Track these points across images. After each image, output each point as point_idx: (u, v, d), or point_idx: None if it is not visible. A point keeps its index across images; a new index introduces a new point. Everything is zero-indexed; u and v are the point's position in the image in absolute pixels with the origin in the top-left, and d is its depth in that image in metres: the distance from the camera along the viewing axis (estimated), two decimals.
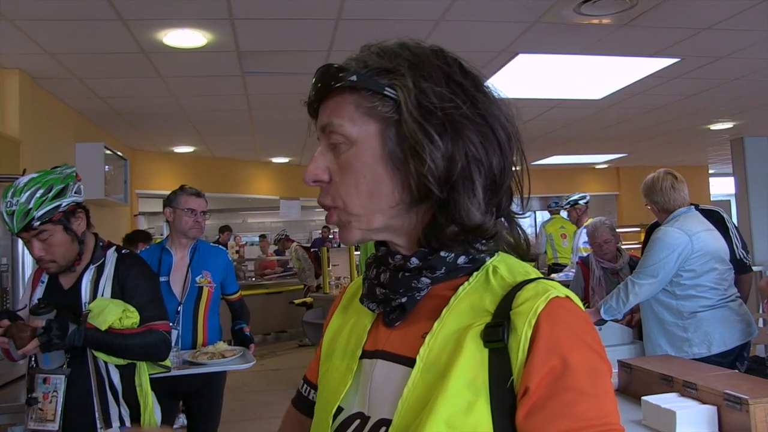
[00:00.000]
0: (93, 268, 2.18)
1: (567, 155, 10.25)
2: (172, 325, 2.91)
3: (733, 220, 4.10)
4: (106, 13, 3.46)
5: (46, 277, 2.21)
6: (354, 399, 0.80)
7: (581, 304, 0.72)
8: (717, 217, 3.45)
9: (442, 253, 0.76)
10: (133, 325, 2.10)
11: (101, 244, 2.25)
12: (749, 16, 3.80)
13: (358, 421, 0.78)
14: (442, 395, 0.67)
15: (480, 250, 0.77)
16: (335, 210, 0.79)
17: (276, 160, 10.05)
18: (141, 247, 5.09)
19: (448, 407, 0.66)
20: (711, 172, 12.77)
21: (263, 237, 12.01)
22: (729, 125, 7.67)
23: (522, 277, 0.74)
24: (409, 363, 0.74)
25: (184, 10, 3.53)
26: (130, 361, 2.15)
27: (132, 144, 7.92)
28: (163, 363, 2.30)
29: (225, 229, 9.90)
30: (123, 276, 2.17)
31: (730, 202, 11.64)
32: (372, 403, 0.77)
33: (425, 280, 0.77)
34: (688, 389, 2.05)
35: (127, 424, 2.13)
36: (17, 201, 1.98)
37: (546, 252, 7.54)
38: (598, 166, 12.19)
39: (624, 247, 4.27)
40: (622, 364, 2.47)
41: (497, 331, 0.69)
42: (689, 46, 4.38)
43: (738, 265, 3.44)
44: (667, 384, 2.16)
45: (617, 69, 5.01)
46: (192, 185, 3.27)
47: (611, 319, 3.12)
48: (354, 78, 0.75)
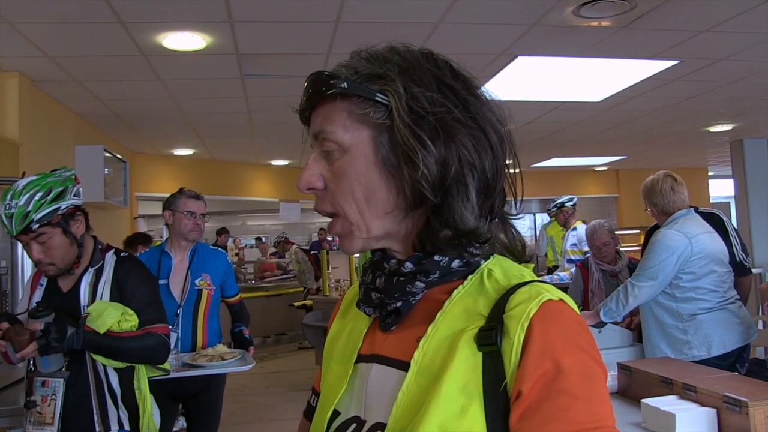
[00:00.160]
0: (92, 271, 2.18)
1: (566, 157, 10.26)
2: (171, 327, 2.91)
3: (733, 223, 4.10)
4: (105, 15, 3.46)
5: (44, 280, 2.21)
6: (350, 403, 0.80)
7: (576, 306, 0.72)
8: (716, 220, 3.45)
9: (436, 257, 0.76)
10: (132, 328, 2.10)
11: (100, 247, 2.25)
12: (748, 19, 3.81)
13: (354, 425, 0.78)
14: (435, 399, 0.67)
15: (474, 253, 0.78)
16: (338, 219, 0.79)
17: (275, 162, 10.05)
18: (140, 249, 5.09)
19: (441, 411, 0.66)
20: (710, 174, 12.78)
21: (259, 240, 11.99)
22: (728, 127, 7.68)
23: (517, 280, 0.74)
24: (404, 367, 0.74)
25: (184, 12, 3.54)
26: (128, 364, 2.14)
27: (131, 147, 7.92)
28: (162, 366, 2.29)
29: (222, 231, 9.86)
30: (122, 279, 2.17)
31: (729, 204, 11.66)
32: (368, 407, 0.78)
33: (420, 285, 0.77)
34: (687, 392, 2.05)
35: (126, 427, 2.13)
36: (16, 204, 1.98)
37: (546, 254, 7.53)
38: (598, 169, 12.20)
39: (624, 249, 4.27)
40: (622, 367, 2.47)
41: (490, 334, 0.69)
42: (688, 49, 4.39)
43: (738, 267, 3.44)
44: (666, 386, 2.16)
45: (616, 71, 5.02)
46: (191, 188, 3.27)
47: (611, 322, 3.12)
48: (344, 85, 0.74)
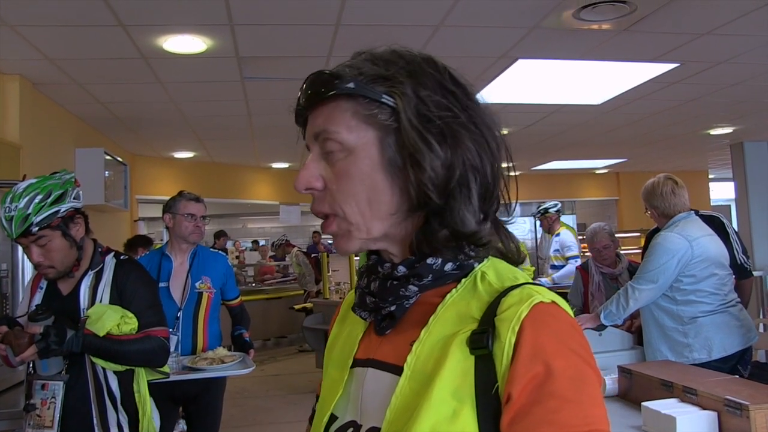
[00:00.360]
0: (91, 274, 2.18)
1: (567, 160, 10.27)
2: (171, 330, 2.91)
3: (733, 225, 4.10)
4: (106, 18, 3.46)
5: (44, 283, 2.20)
6: (347, 407, 0.81)
7: (569, 308, 0.72)
8: (717, 223, 3.45)
9: (429, 260, 0.76)
10: (132, 331, 2.10)
11: (100, 249, 2.24)
12: (748, 22, 3.81)
13: (350, 430, 0.78)
14: (427, 403, 0.67)
15: (469, 256, 0.78)
16: (335, 219, 0.78)
17: (276, 165, 10.06)
18: (140, 252, 5.10)
19: (433, 415, 0.66)
20: (711, 177, 12.79)
21: (255, 243, 11.97)
22: (729, 130, 7.68)
23: (510, 282, 0.74)
24: (398, 371, 0.74)
25: (184, 15, 3.54)
26: (128, 367, 2.14)
27: (132, 149, 7.93)
28: (161, 369, 2.29)
29: (221, 234, 9.81)
30: (121, 282, 2.17)
31: (730, 207, 11.66)
32: (364, 411, 0.78)
33: (413, 288, 0.77)
34: (688, 395, 2.05)
35: (126, 430, 2.12)
36: (16, 206, 1.98)
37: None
38: (598, 171, 12.21)
39: (624, 252, 4.27)
40: (622, 370, 2.47)
41: (482, 338, 0.68)
42: (688, 52, 4.39)
43: (738, 270, 3.44)
44: (667, 389, 2.16)
45: (617, 74, 5.02)
46: (192, 191, 3.27)
47: (611, 325, 3.12)
48: (352, 85, 0.74)
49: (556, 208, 6.47)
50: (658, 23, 3.81)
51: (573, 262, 6.22)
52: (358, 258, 6.21)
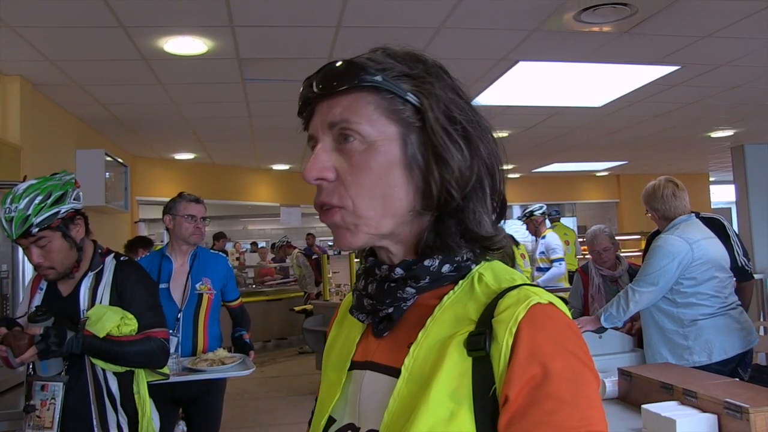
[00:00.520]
0: (91, 275, 2.17)
1: (567, 163, 10.27)
2: (171, 332, 2.91)
3: (734, 228, 4.09)
4: (107, 20, 3.47)
5: (44, 284, 2.20)
6: (345, 410, 0.81)
7: (567, 309, 0.72)
8: (718, 225, 3.45)
9: (427, 261, 0.76)
10: (132, 333, 2.10)
11: (100, 251, 2.24)
12: (749, 24, 3.81)
13: None
14: (424, 405, 0.67)
15: (466, 258, 0.78)
16: (340, 210, 0.76)
17: (276, 167, 10.06)
18: (141, 253, 5.09)
19: (430, 417, 0.66)
20: (711, 179, 12.79)
21: (254, 245, 11.97)
22: (729, 133, 7.68)
23: (507, 283, 0.74)
24: (396, 373, 0.74)
25: (185, 17, 3.54)
26: (128, 368, 2.14)
27: (132, 151, 7.93)
28: (161, 370, 2.29)
29: (220, 236, 9.77)
30: (121, 283, 2.17)
31: (730, 209, 11.64)
32: (362, 414, 0.78)
33: (410, 290, 0.77)
34: (688, 397, 2.04)
35: (125, 431, 2.12)
36: (16, 207, 1.98)
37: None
38: (599, 174, 12.21)
39: (624, 255, 4.26)
40: (622, 372, 2.47)
41: (479, 339, 0.69)
42: (689, 54, 4.39)
43: (739, 272, 3.43)
44: (667, 392, 2.15)
45: (618, 77, 5.02)
46: (192, 192, 3.27)
47: (611, 327, 3.11)
48: (379, 78, 0.74)
49: (541, 211, 6.47)
50: (659, 26, 3.81)
51: (557, 265, 6.21)
52: (357, 259, 6.21)
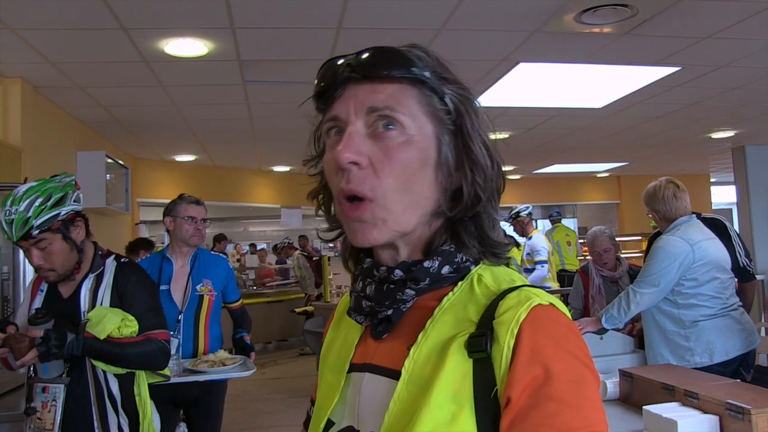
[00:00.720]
0: (92, 276, 2.17)
1: (568, 164, 10.26)
2: (172, 333, 2.91)
3: (735, 228, 4.08)
4: (108, 22, 3.47)
5: (45, 286, 2.20)
6: (344, 413, 0.80)
7: (567, 311, 0.72)
8: (719, 226, 3.44)
9: (426, 263, 0.76)
10: (132, 334, 2.10)
11: (100, 252, 2.24)
12: (749, 25, 3.81)
13: None
14: (425, 407, 0.67)
15: (465, 259, 0.78)
16: (370, 205, 0.73)
17: (277, 168, 10.06)
18: (142, 254, 5.09)
19: (431, 419, 0.66)
20: (712, 180, 12.78)
21: (253, 246, 11.96)
22: (730, 134, 7.68)
23: (507, 285, 0.74)
24: (396, 376, 0.73)
25: (186, 19, 3.55)
26: (128, 370, 2.14)
27: (133, 152, 7.94)
28: (162, 372, 2.29)
29: (221, 238, 9.72)
30: (122, 285, 2.17)
31: (731, 210, 11.63)
32: (361, 416, 0.77)
33: (410, 292, 0.77)
34: (689, 399, 2.04)
35: None
36: (16, 209, 1.98)
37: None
38: (600, 175, 12.20)
39: (625, 256, 4.26)
40: (624, 374, 2.46)
41: (480, 341, 0.68)
42: (690, 55, 4.39)
43: (741, 273, 3.43)
44: (668, 393, 2.15)
45: (618, 78, 5.02)
46: (193, 194, 3.27)
47: (612, 328, 3.11)
48: (428, 74, 0.75)
49: (527, 212, 6.46)
50: (660, 27, 3.81)
51: (540, 267, 6.20)
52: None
